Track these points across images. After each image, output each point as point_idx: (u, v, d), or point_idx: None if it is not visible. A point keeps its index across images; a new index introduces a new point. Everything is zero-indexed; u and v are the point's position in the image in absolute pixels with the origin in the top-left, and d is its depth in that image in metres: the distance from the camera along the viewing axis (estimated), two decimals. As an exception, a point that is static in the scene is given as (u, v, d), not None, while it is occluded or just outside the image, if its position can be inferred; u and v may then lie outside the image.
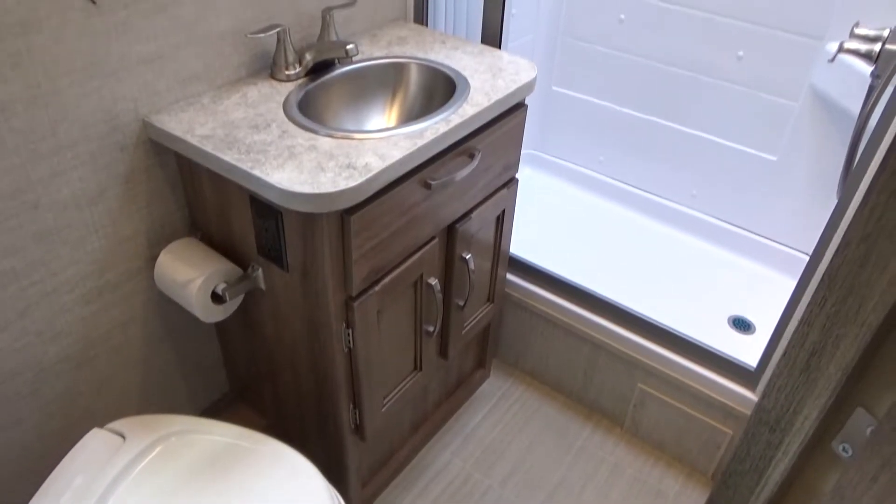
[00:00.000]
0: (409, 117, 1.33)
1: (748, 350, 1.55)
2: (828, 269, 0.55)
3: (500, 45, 1.51)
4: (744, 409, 1.45)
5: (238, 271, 1.19)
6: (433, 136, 1.09)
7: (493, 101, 1.20)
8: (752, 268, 2.03)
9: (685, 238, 2.13)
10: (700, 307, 1.88)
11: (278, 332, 1.25)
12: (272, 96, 1.19)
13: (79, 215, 1.09)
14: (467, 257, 1.34)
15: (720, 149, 1.99)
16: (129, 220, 1.17)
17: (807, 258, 1.55)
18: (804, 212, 1.91)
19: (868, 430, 0.59)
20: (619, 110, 2.14)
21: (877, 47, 1.23)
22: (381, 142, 1.07)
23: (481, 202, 1.34)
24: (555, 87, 2.24)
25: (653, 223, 2.18)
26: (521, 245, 1.82)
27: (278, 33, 1.22)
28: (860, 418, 0.61)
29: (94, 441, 1.06)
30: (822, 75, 1.71)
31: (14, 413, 1.15)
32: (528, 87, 1.29)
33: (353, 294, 1.10)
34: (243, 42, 1.22)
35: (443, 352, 1.46)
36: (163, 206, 1.21)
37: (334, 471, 1.38)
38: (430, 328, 1.34)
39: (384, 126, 1.32)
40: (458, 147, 1.18)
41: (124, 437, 1.06)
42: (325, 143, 1.06)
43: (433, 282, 1.27)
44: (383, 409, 1.32)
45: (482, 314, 1.55)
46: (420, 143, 1.07)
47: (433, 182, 1.13)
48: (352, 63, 1.31)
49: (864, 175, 1.12)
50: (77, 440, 1.07)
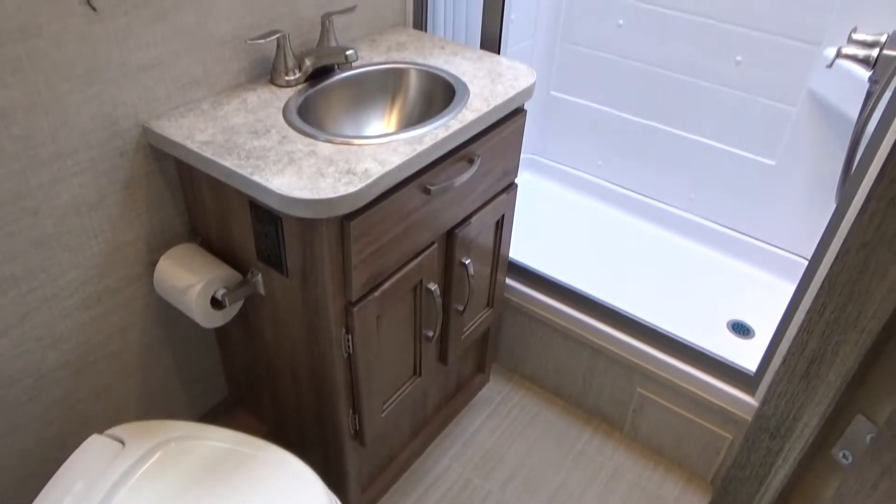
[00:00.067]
0: (408, 123, 1.33)
1: (747, 354, 1.55)
2: (827, 275, 0.55)
3: (500, 51, 1.51)
4: (743, 414, 1.45)
5: (238, 277, 1.19)
6: (432, 142, 1.09)
7: (492, 106, 1.20)
8: (751, 272, 2.03)
9: (684, 242, 2.13)
10: (699, 311, 1.88)
11: (278, 337, 1.25)
12: (272, 102, 1.19)
13: (78, 221, 1.09)
14: (467, 262, 1.34)
15: (719, 153, 1.99)
16: (128, 226, 1.17)
17: (805, 262, 1.55)
18: (803, 216, 1.92)
19: (868, 437, 0.59)
20: (618, 115, 2.14)
21: (874, 53, 1.23)
22: (380, 147, 1.07)
23: (480, 207, 1.34)
24: (553, 92, 2.25)
25: (651, 227, 2.19)
26: (519, 250, 1.82)
27: (278, 39, 1.22)
28: (860, 425, 0.61)
29: (94, 447, 1.06)
30: (820, 80, 1.71)
31: (13, 419, 1.15)
32: (528, 92, 1.29)
33: (353, 299, 1.10)
34: (243, 48, 1.22)
35: (442, 357, 1.46)
36: (162, 212, 1.21)
37: (334, 476, 1.38)
38: (430, 333, 1.34)
39: (383, 131, 1.32)
40: (458, 152, 1.19)
41: (123, 443, 1.06)
42: (324, 148, 1.06)
43: (433, 287, 1.27)
44: (383, 415, 1.32)
45: (481, 319, 1.55)
46: (419, 148, 1.07)
47: (432, 187, 1.13)
48: (351, 69, 1.31)
49: (862, 180, 1.12)
50: (76, 446, 1.07)
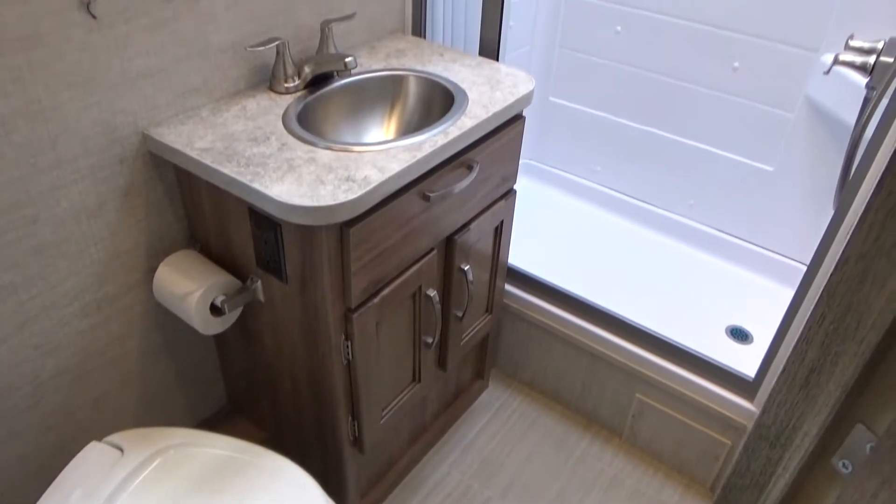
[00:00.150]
0: (407, 130, 1.33)
1: (746, 360, 1.55)
2: (826, 286, 0.56)
3: (498, 57, 1.52)
4: (742, 420, 1.45)
5: (237, 283, 1.19)
6: (432, 149, 1.10)
7: (491, 113, 1.21)
8: (750, 277, 2.03)
9: (682, 248, 2.13)
10: (697, 317, 1.89)
11: (277, 344, 1.25)
12: (271, 109, 1.20)
13: (78, 228, 1.09)
14: (466, 268, 1.34)
15: (717, 159, 2.00)
16: (127, 233, 1.17)
17: (804, 268, 1.56)
18: (801, 222, 1.92)
19: (868, 447, 0.59)
20: (616, 121, 2.15)
21: (871, 59, 1.24)
22: (379, 154, 1.07)
23: (479, 213, 1.35)
24: (552, 98, 2.25)
25: (650, 233, 2.19)
26: (518, 255, 1.83)
27: (277, 46, 1.22)
28: (860, 435, 0.61)
29: (93, 454, 1.05)
30: (818, 86, 1.72)
31: (12, 427, 1.14)
32: (526, 99, 1.29)
33: (352, 306, 1.10)
34: (242, 55, 1.22)
35: (441, 363, 1.46)
36: (161, 219, 1.21)
37: (333, 483, 1.37)
38: (429, 339, 1.34)
39: (383, 138, 1.33)
40: (457, 159, 1.19)
41: (122, 451, 1.06)
42: (324, 155, 1.07)
43: (432, 293, 1.27)
44: (382, 421, 1.32)
45: (481, 325, 1.55)
46: (419, 155, 1.08)
47: (432, 194, 1.14)
48: (350, 76, 1.31)
49: (860, 186, 1.12)
50: (75, 453, 1.07)
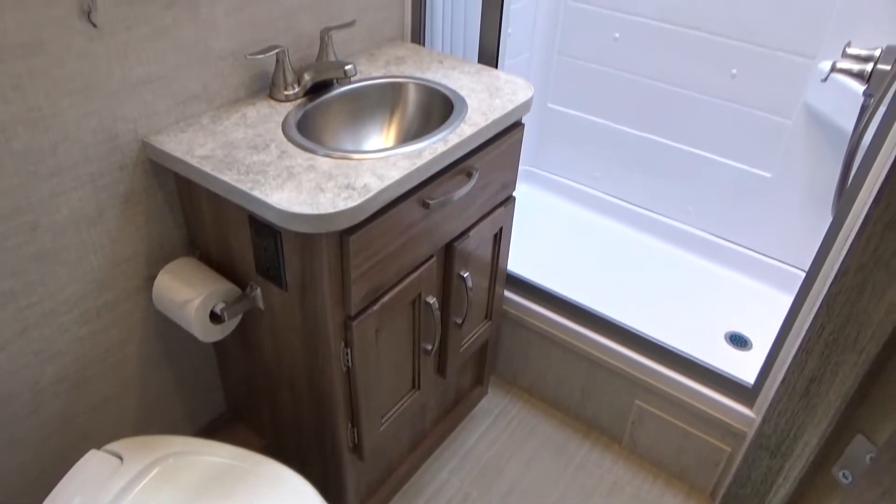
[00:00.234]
0: (407, 137, 1.34)
1: (745, 366, 1.55)
2: (825, 296, 0.56)
3: (497, 65, 1.52)
4: (742, 427, 1.45)
5: (236, 291, 1.19)
6: (431, 156, 1.10)
7: (490, 120, 1.21)
8: (748, 283, 2.03)
9: (681, 254, 2.14)
10: (696, 323, 1.89)
11: (277, 351, 1.25)
12: (271, 116, 1.20)
13: (77, 236, 1.09)
14: (465, 275, 1.35)
15: (715, 165, 2.00)
16: (127, 240, 1.17)
17: (802, 274, 1.56)
18: (799, 228, 1.92)
19: (868, 458, 0.59)
20: (615, 127, 2.15)
21: (869, 67, 1.24)
22: (379, 162, 1.08)
23: (479, 220, 1.35)
24: (550, 105, 2.26)
25: (649, 239, 2.19)
26: (516, 261, 1.83)
27: (277, 54, 1.22)
28: (860, 445, 0.61)
29: (92, 462, 1.05)
30: (816, 93, 1.73)
31: (11, 434, 1.14)
32: (525, 106, 1.30)
33: (352, 313, 1.10)
34: (242, 63, 1.23)
35: (441, 370, 1.46)
36: (161, 226, 1.22)
37: (332, 490, 1.37)
38: (429, 346, 1.34)
39: (382, 146, 1.33)
40: (456, 166, 1.19)
41: (122, 459, 1.06)
42: (323, 163, 1.07)
43: (431, 300, 1.27)
44: (381, 428, 1.32)
45: (480, 332, 1.55)
46: (418, 163, 1.08)
47: (431, 201, 1.14)
48: (350, 83, 1.31)
49: (858, 193, 1.13)
50: (74, 461, 1.07)
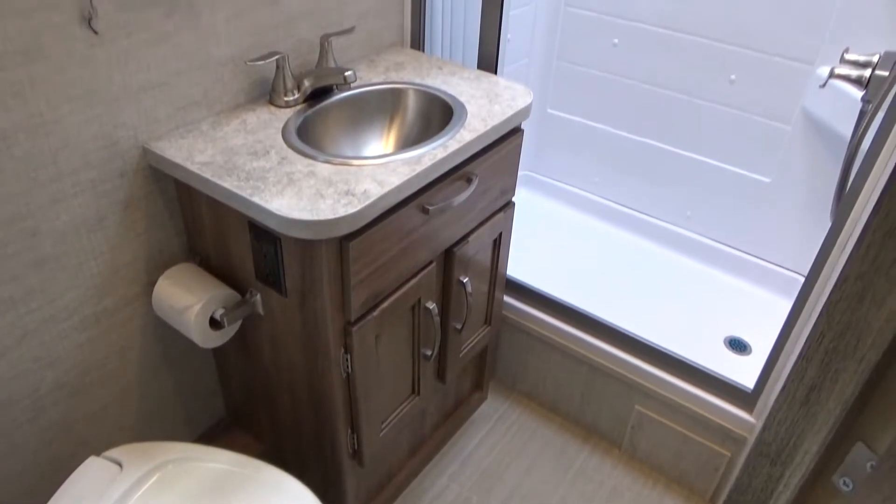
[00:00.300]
0: (406, 143, 1.34)
1: (745, 371, 1.56)
2: (825, 304, 0.56)
3: (496, 70, 1.52)
4: (741, 431, 1.45)
5: (236, 296, 1.19)
6: (431, 162, 1.10)
7: (489, 126, 1.21)
8: (747, 288, 2.04)
9: (680, 259, 2.14)
10: (696, 328, 1.89)
11: (276, 357, 1.24)
12: (271, 122, 1.20)
13: (77, 242, 1.09)
14: (465, 281, 1.35)
15: (714, 170, 2.01)
16: (127, 246, 1.17)
17: (801, 278, 1.56)
18: (798, 233, 1.93)
19: (868, 465, 0.59)
20: (614, 132, 2.16)
21: (867, 73, 1.25)
22: (379, 168, 1.08)
23: (478, 226, 1.35)
24: (550, 110, 2.27)
25: (648, 244, 2.20)
26: (516, 266, 1.83)
27: (277, 60, 1.23)
28: (860, 453, 0.61)
29: (91, 469, 1.05)
30: (814, 99, 1.73)
31: (11, 440, 1.14)
32: (525, 112, 1.30)
33: (352, 319, 1.10)
34: (242, 69, 1.23)
35: (440, 375, 1.46)
36: (161, 232, 1.22)
37: (332, 496, 1.37)
38: (428, 352, 1.34)
39: (382, 152, 1.33)
40: (456, 172, 1.19)
41: (121, 466, 1.06)
42: (323, 169, 1.07)
43: (431, 306, 1.27)
44: (381, 434, 1.32)
45: (479, 337, 1.55)
46: (418, 168, 1.08)
47: (431, 207, 1.14)
48: (350, 89, 1.32)
49: (856, 199, 1.13)
50: (74, 468, 1.07)
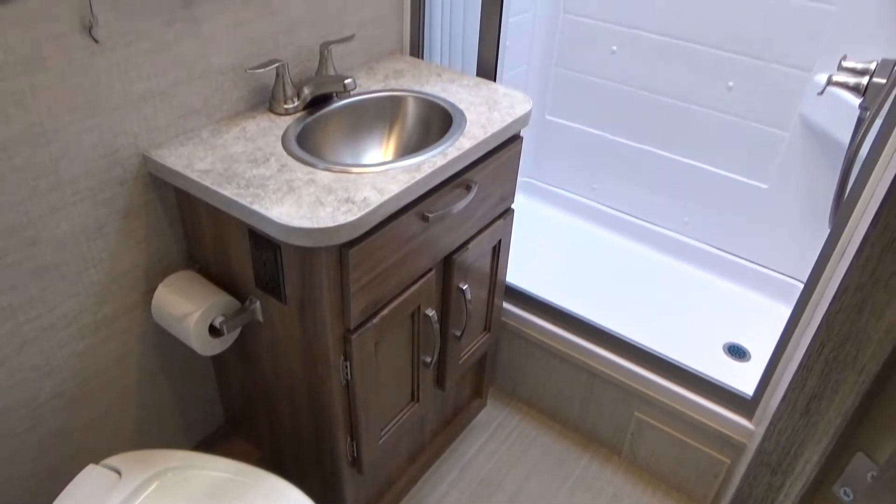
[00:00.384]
0: (406, 150, 1.34)
1: (744, 377, 1.56)
2: (825, 315, 0.56)
3: (496, 78, 1.53)
4: (741, 438, 1.45)
5: (236, 304, 1.19)
6: (430, 170, 1.10)
7: (489, 133, 1.22)
8: (746, 294, 2.04)
9: (679, 265, 2.14)
10: (695, 334, 1.89)
11: (275, 364, 1.24)
12: (271, 130, 1.20)
13: (77, 250, 1.09)
14: (464, 288, 1.35)
15: (712, 177, 2.01)
16: (127, 254, 1.17)
17: (800, 285, 1.57)
18: (796, 239, 1.93)
19: (868, 475, 0.59)
20: (613, 139, 2.16)
21: (864, 80, 1.25)
22: (378, 175, 1.08)
23: (478, 233, 1.35)
24: (548, 116, 2.27)
25: (646, 250, 2.20)
26: (514, 273, 1.83)
27: (277, 68, 1.23)
28: (861, 463, 0.61)
29: (90, 477, 1.05)
30: (812, 106, 1.74)
31: (10, 449, 1.14)
32: (524, 119, 1.31)
33: (351, 327, 1.10)
34: (242, 77, 1.23)
35: (440, 382, 1.46)
36: (161, 240, 1.22)
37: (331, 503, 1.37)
38: (428, 359, 1.34)
39: (382, 159, 1.33)
40: (455, 179, 1.19)
41: (120, 474, 1.05)
42: (323, 177, 1.07)
43: (430, 313, 1.27)
44: (380, 441, 1.32)
45: (479, 344, 1.55)
46: (418, 176, 1.08)
47: (430, 215, 1.14)
48: (349, 96, 1.32)
49: (855, 205, 1.13)
50: (73, 476, 1.07)
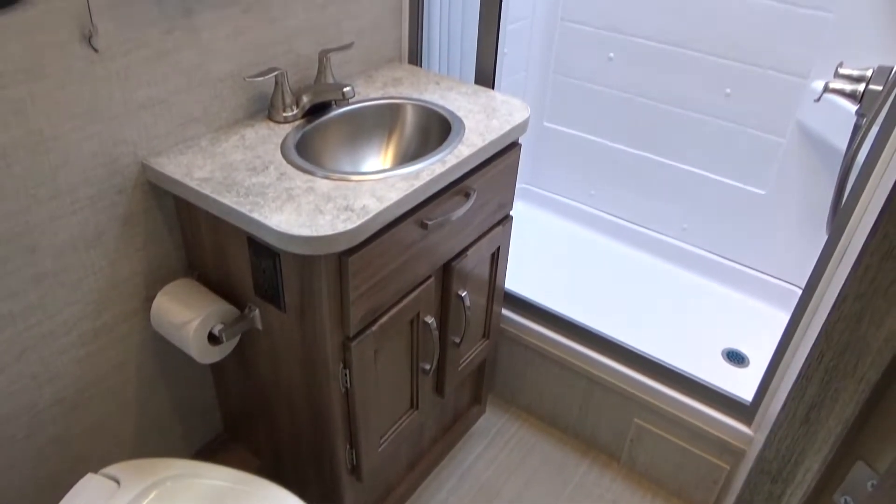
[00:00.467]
0: (405, 158, 1.34)
1: (743, 383, 1.56)
2: (824, 324, 0.57)
3: (494, 85, 1.54)
4: (740, 444, 1.45)
5: (235, 312, 1.19)
6: (429, 177, 1.11)
7: (487, 141, 1.22)
8: (745, 300, 2.04)
9: (677, 271, 2.15)
10: (694, 340, 1.89)
11: (275, 372, 1.24)
12: (270, 138, 1.21)
13: (76, 258, 1.09)
14: (463, 295, 1.35)
15: (709, 183, 2.02)
16: (126, 262, 1.17)
17: (798, 290, 1.57)
18: (794, 245, 1.94)
19: (869, 484, 0.59)
20: (611, 145, 2.17)
21: (861, 87, 1.26)
22: (377, 183, 1.08)
23: (477, 240, 1.35)
24: (546, 123, 2.28)
25: (645, 256, 2.20)
26: (513, 279, 1.83)
27: (276, 76, 1.23)
28: (861, 472, 0.61)
29: (89, 486, 1.05)
30: (809, 112, 1.74)
31: (9, 457, 1.13)
32: (522, 127, 1.31)
33: (351, 334, 1.10)
34: (241, 85, 1.23)
35: (439, 389, 1.46)
36: (160, 248, 1.22)
37: (330, 512, 1.36)
38: (427, 366, 1.34)
39: (381, 167, 1.34)
40: (454, 187, 1.20)
41: (119, 482, 1.05)
42: (322, 184, 1.08)
43: (430, 320, 1.27)
44: (380, 449, 1.31)
45: (478, 350, 1.55)
46: (416, 184, 1.08)
47: (429, 222, 1.14)
48: (348, 104, 1.32)
49: (852, 212, 1.14)
50: (71, 485, 1.06)
